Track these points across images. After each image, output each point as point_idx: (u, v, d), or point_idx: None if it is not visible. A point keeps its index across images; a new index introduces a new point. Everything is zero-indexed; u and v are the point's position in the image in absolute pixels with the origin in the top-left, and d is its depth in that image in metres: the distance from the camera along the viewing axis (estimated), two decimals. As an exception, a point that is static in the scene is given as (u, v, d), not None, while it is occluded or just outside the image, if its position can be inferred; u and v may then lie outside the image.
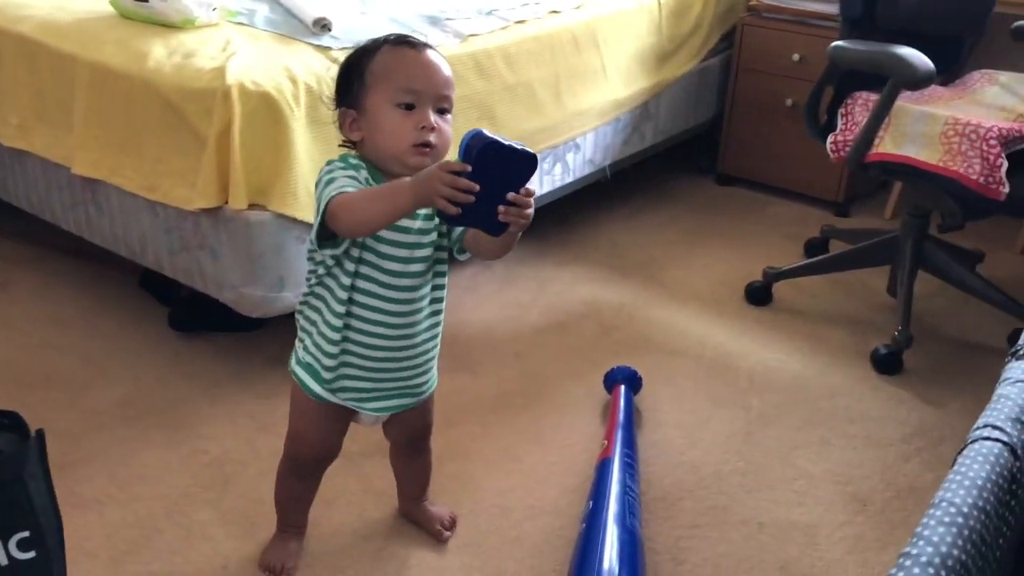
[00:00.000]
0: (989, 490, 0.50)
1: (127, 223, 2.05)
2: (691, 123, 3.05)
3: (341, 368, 1.35)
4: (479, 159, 1.10)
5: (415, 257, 1.29)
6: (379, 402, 1.39)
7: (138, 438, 1.82)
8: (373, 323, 1.31)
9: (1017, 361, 0.66)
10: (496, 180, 1.12)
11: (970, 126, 1.94)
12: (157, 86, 1.86)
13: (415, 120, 1.23)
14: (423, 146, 1.23)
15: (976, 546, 0.47)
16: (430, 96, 1.24)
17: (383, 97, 1.24)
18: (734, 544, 1.61)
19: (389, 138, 1.24)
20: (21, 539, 1.04)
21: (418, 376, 1.40)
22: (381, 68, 1.26)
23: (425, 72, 1.25)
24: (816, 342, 2.25)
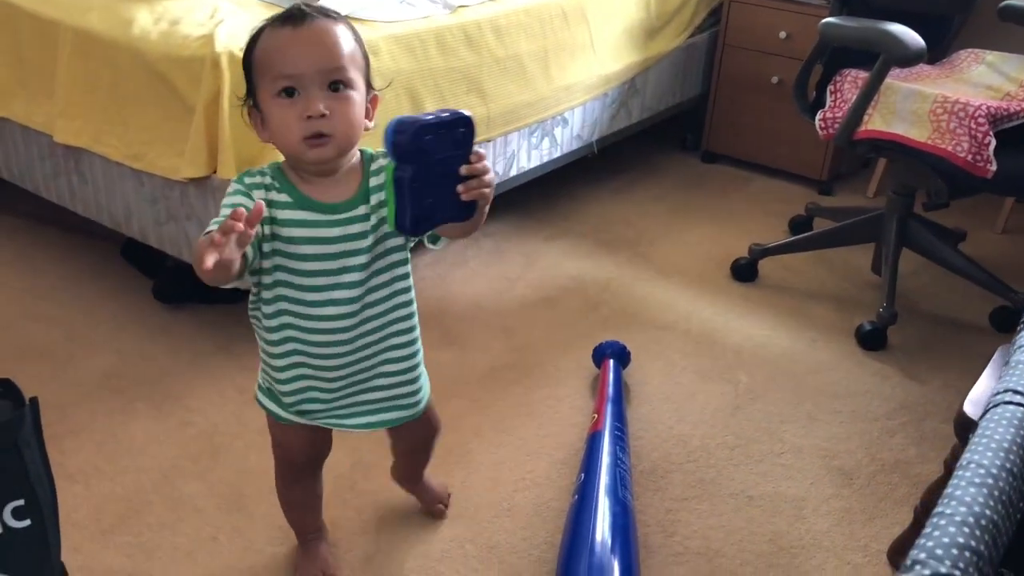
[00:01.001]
0: (1016, 452, 0.51)
1: (111, 193, 2.02)
2: (677, 99, 3.05)
3: (299, 392, 1.26)
4: (411, 149, 0.99)
5: (350, 266, 1.17)
6: (360, 418, 1.30)
7: (124, 410, 1.80)
8: (316, 344, 1.20)
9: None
10: (440, 162, 1.02)
11: (959, 104, 1.95)
12: (143, 54, 1.83)
13: (299, 109, 1.09)
14: (315, 137, 1.10)
15: (1005, 507, 0.47)
16: (314, 76, 1.09)
17: (265, 91, 1.11)
18: (724, 516, 1.63)
19: (281, 136, 1.11)
20: (16, 507, 1.03)
21: (401, 386, 1.30)
22: (260, 56, 1.12)
23: (302, 50, 1.09)
24: (802, 318, 2.27)
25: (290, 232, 1.15)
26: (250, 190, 1.14)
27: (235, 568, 1.47)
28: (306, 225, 1.15)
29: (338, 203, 1.16)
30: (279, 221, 1.14)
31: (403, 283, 1.24)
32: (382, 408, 1.31)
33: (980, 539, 0.45)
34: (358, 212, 1.17)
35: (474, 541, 1.54)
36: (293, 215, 1.15)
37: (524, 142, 2.42)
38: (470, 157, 1.06)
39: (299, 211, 1.15)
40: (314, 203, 1.15)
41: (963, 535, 0.44)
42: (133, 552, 1.49)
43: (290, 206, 1.15)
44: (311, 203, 1.15)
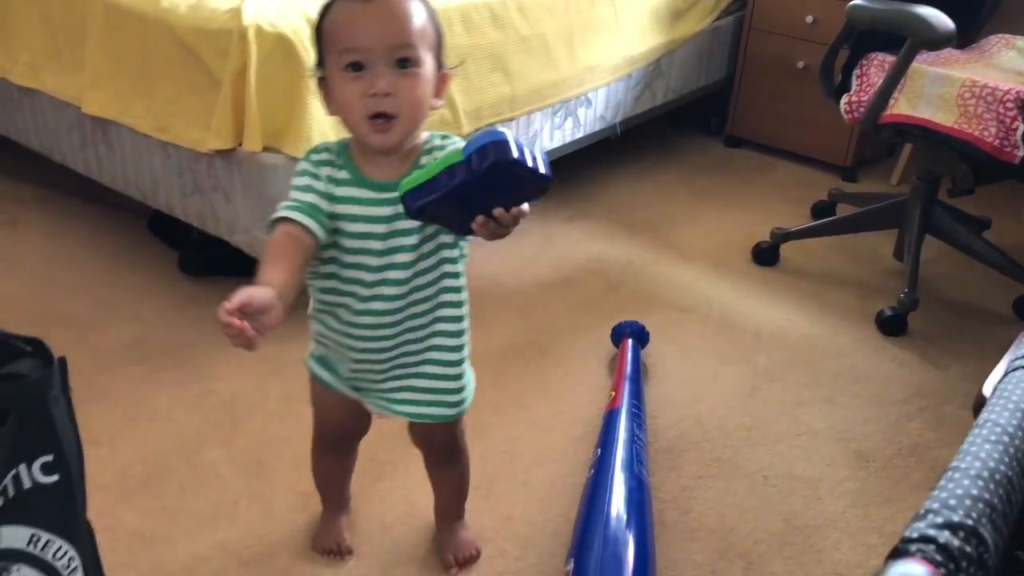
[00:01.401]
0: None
1: (138, 164, 2.04)
2: (702, 83, 3.04)
3: (353, 371, 1.27)
4: (488, 171, 0.93)
5: (401, 246, 1.16)
6: (406, 406, 1.29)
7: (148, 378, 1.83)
8: (365, 326, 1.21)
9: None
10: (488, 196, 0.97)
11: (987, 88, 1.93)
12: (172, 26, 1.85)
13: (363, 85, 1.07)
14: (376, 118, 1.08)
15: (1021, 464, 0.48)
16: (381, 51, 1.07)
17: (332, 63, 1.10)
18: (739, 495, 1.63)
19: (344, 112, 1.11)
20: (44, 463, 1.05)
21: (446, 380, 1.28)
22: (329, 27, 1.11)
23: (372, 23, 1.07)
24: (822, 303, 2.27)
25: (346, 209, 1.15)
26: (317, 167, 1.15)
27: (255, 533, 1.49)
28: (360, 203, 1.15)
29: (391, 182, 1.14)
30: (338, 198, 1.15)
31: (451, 267, 1.22)
32: (427, 402, 1.29)
33: (994, 492, 0.46)
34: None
35: (490, 514, 1.55)
36: (349, 192, 1.15)
37: (547, 122, 2.43)
38: (513, 208, 1.01)
39: (355, 188, 1.15)
40: (369, 181, 1.15)
41: (977, 488, 0.45)
42: (156, 515, 1.51)
43: (349, 183, 1.15)
44: (366, 181, 1.15)
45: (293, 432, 1.71)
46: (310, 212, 1.11)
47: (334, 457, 1.45)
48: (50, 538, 1.07)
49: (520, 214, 1.02)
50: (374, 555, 1.47)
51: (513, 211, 1.01)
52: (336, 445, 1.44)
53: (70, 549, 1.09)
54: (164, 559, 1.43)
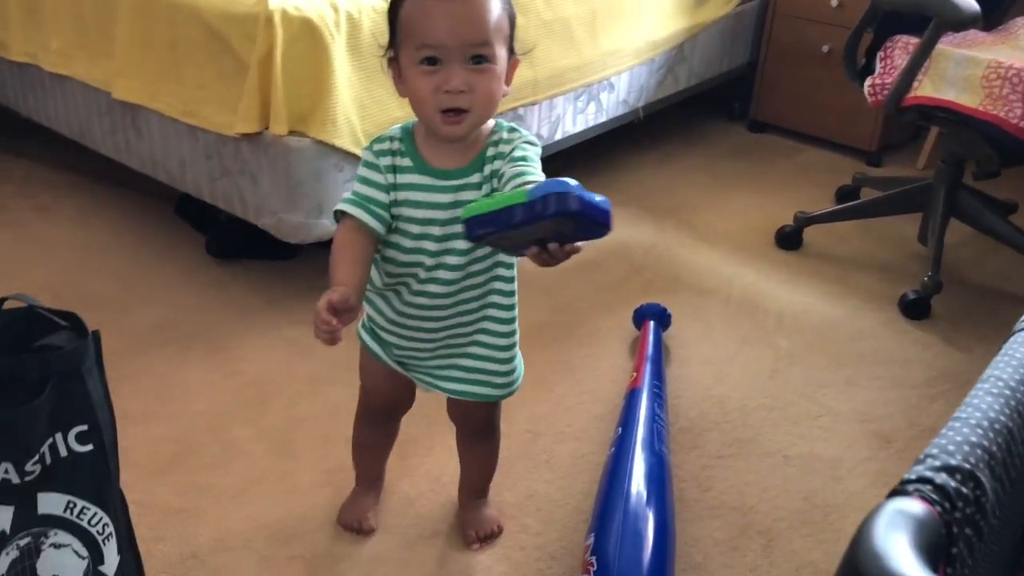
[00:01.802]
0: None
1: (167, 148, 2.08)
2: (725, 67, 3.04)
3: (401, 348, 1.31)
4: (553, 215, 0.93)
5: (459, 233, 1.17)
6: (453, 383, 1.33)
7: (177, 359, 1.87)
8: (420, 306, 1.24)
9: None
10: (552, 231, 0.98)
11: (1013, 69, 1.92)
12: (199, 11, 1.88)
13: (437, 81, 1.10)
14: (450, 112, 1.11)
15: (1021, 416, 0.49)
16: (456, 48, 1.08)
17: (407, 55, 1.12)
18: (759, 474, 1.65)
19: (417, 103, 1.14)
20: (80, 432, 1.08)
21: (496, 363, 1.32)
22: (406, 20, 1.12)
23: (450, 21, 1.08)
24: (845, 286, 2.27)
25: (408, 195, 1.18)
26: (378, 157, 1.19)
27: (281, 508, 1.52)
28: (422, 189, 1.18)
29: (452, 169, 1.18)
30: (399, 185, 1.18)
31: (506, 256, 1.24)
32: (475, 381, 1.33)
33: (993, 441, 0.47)
34: (471, 180, 1.18)
35: (513, 489, 1.58)
36: (411, 179, 1.18)
37: (570, 106, 2.44)
38: (567, 244, 1.00)
39: (417, 175, 1.18)
40: (431, 168, 1.18)
41: (976, 435, 0.46)
42: (186, 490, 1.55)
43: (410, 170, 1.18)
44: (428, 168, 1.18)
45: (319, 412, 1.74)
46: (367, 206, 1.17)
47: (377, 430, 1.48)
48: (85, 505, 1.11)
49: (573, 251, 1.01)
50: (399, 528, 1.49)
51: (567, 247, 1.01)
52: (380, 417, 1.46)
53: (104, 516, 1.13)
54: (194, 532, 1.47)
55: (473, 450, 1.48)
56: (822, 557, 1.49)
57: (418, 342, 1.29)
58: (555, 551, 1.47)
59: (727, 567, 1.45)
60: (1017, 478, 0.51)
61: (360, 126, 1.89)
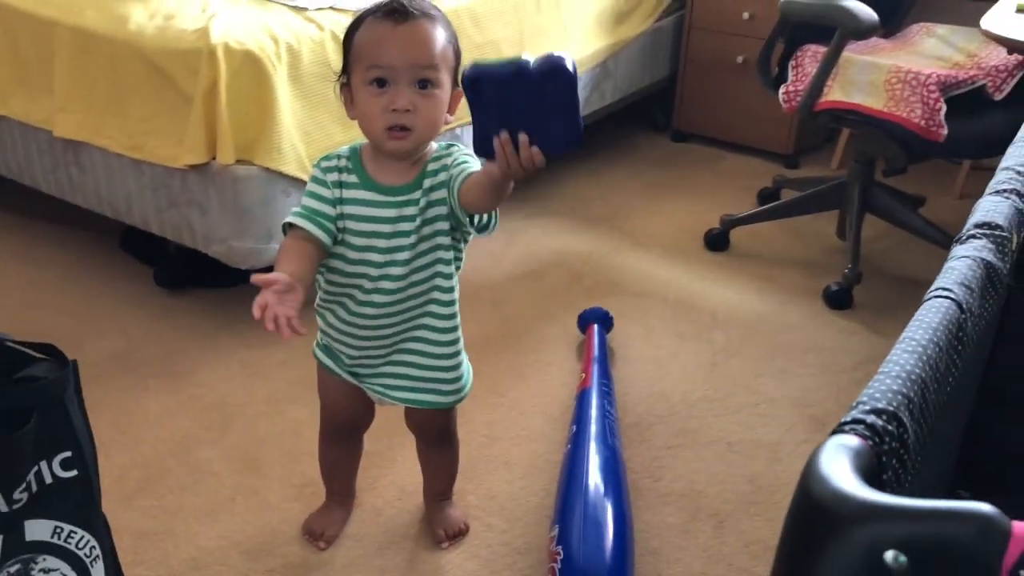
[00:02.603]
0: (942, 331, 0.62)
1: (112, 183, 2.11)
2: (647, 81, 3.17)
3: (352, 357, 1.37)
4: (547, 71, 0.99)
5: (401, 246, 1.26)
6: (402, 392, 1.39)
7: (136, 386, 1.90)
8: (365, 316, 1.31)
9: (960, 245, 0.78)
10: (532, 113, 1.01)
11: (911, 73, 2.08)
12: (141, 48, 1.92)
13: (385, 100, 1.17)
14: (395, 128, 1.18)
15: (933, 370, 0.59)
16: (405, 71, 1.16)
17: (358, 75, 1.20)
18: (706, 462, 1.75)
19: (364, 122, 1.21)
20: (64, 458, 1.12)
21: (441, 371, 1.38)
22: (359, 42, 1.20)
23: (399, 45, 1.16)
24: (772, 282, 2.40)
25: (354, 210, 1.26)
26: (325, 173, 1.26)
27: (254, 524, 1.57)
28: (367, 204, 1.25)
29: (397, 186, 1.26)
30: (346, 200, 1.25)
31: (444, 268, 1.32)
32: (423, 389, 1.39)
33: (911, 389, 0.56)
34: (413, 196, 1.25)
35: (475, 492, 1.65)
36: (357, 195, 1.26)
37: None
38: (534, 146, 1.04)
39: (363, 191, 1.26)
40: (377, 185, 1.26)
41: (897, 385, 0.56)
42: (157, 514, 1.58)
43: (357, 186, 1.26)
44: (374, 184, 1.26)
45: (281, 430, 1.79)
46: (315, 219, 1.23)
47: (340, 447, 1.53)
48: (72, 529, 1.14)
49: (537, 156, 1.05)
50: (369, 536, 1.55)
51: (533, 149, 1.04)
52: (342, 434, 1.51)
53: (91, 539, 1.16)
54: (169, 553, 1.51)
55: (433, 457, 1.55)
56: (770, 534, 1.59)
57: (367, 350, 1.36)
58: (520, 546, 1.54)
59: (682, 549, 1.55)
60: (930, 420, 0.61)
61: (305, 151, 1.95)
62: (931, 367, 0.58)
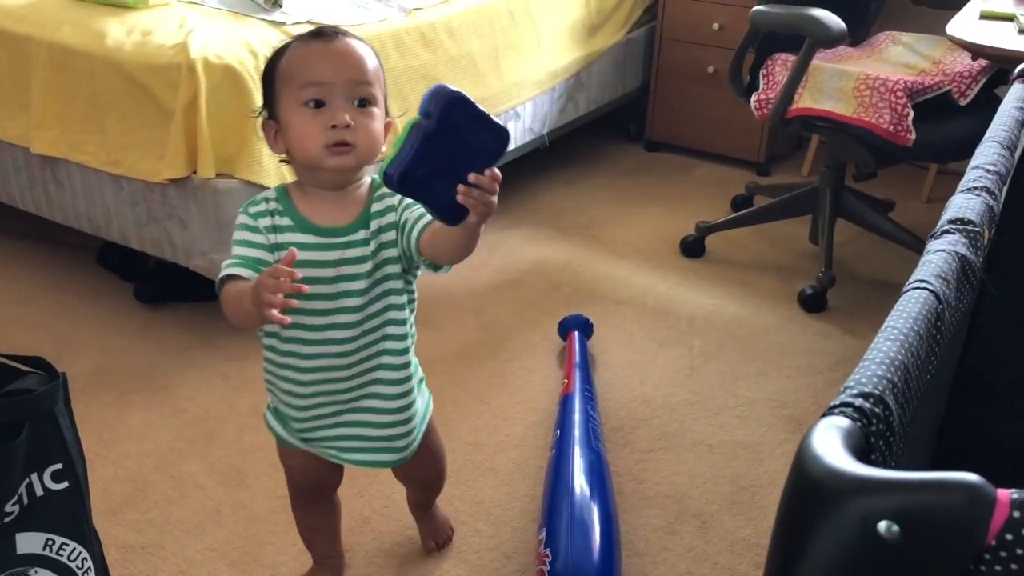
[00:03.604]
0: (922, 320, 0.65)
1: (90, 199, 2.10)
2: (620, 92, 3.21)
3: (304, 420, 1.27)
4: (445, 111, 0.96)
5: (350, 291, 1.18)
6: (357, 454, 1.30)
7: (118, 401, 1.89)
8: (317, 369, 1.21)
9: (935, 240, 0.81)
10: (460, 147, 0.99)
11: (879, 80, 2.13)
12: (119, 64, 1.93)
13: (324, 119, 1.10)
14: (338, 145, 1.11)
15: (915, 357, 0.62)
16: (341, 87, 1.11)
17: (290, 99, 1.11)
18: (688, 463, 1.78)
19: (301, 145, 1.12)
20: (55, 471, 1.12)
21: (393, 426, 1.29)
22: (286, 68, 1.13)
23: (333, 62, 1.11)
24: (748, 287, 2.44)
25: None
26: (255, 219, 1.15)
27: (241, 535, 1.57)
28: (305, 248, 1.14)
29: (338, 227, 1.17)
30: (281, 245, 1.14)
31: (397, 313, 1.23)
32: (377, 448, 1.30)
33: (894, 374, 0.59)
34: (357, 236, 1.17)
35: (462, 498, 1.66)
36: (294, 238, 1.15)
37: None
38: (485, 171, 1.01)
39: (299, 234, 1.15)
40: (314, 227, 1.16)
41: (881, 370, 0.58)
42: (143, 528, 1.58)
43: (291, 229, 1.16)
44: (311, 226, 1.16)
45: (266, 442, 1.77)
46: (254, 267, 1.12)
47: (314, 511, 1.44)
48: (64, 541, 1.15)
49: (494, 177, 1.02)
50: (358, 545, 1.56)
51: (487, 173, 1.01)
52: (311, 498, 1.42)
53: (82, 550, 1.17)
54: (157, 567, 1.51)
55: (418, 481, 1.50)
56: (752, 532, 1.62)
57: (315, 409, 1.26)
58: (508, 551, 1.56)
59: (667, 550, 1.57)
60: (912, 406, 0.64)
61: (285, 165, 1.96)
62: (912, 354, 0.61)
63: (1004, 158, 1.00)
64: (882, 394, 0.56)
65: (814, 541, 0.47)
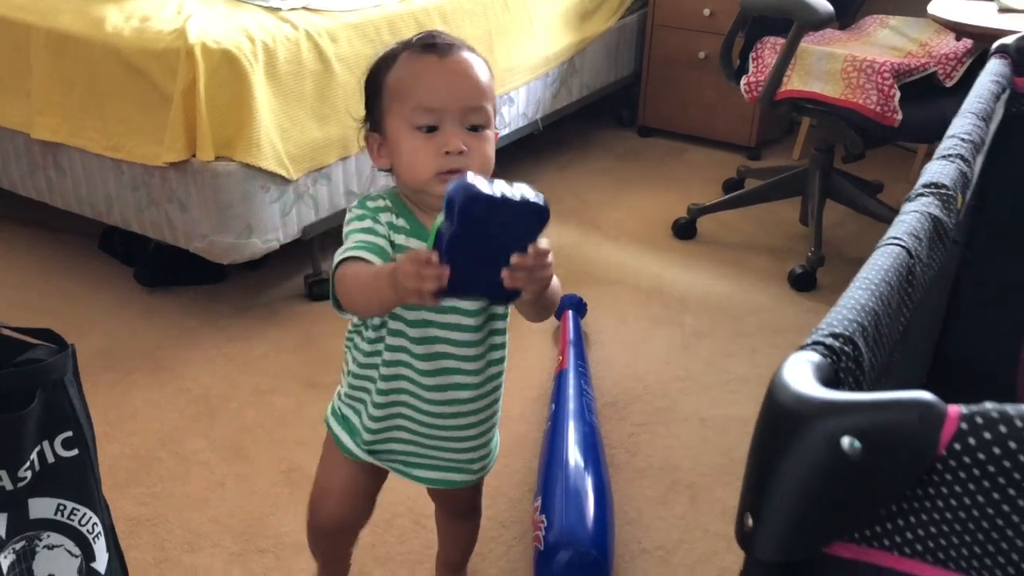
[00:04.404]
0: (893, 272, 0.69)
1: (91, 184, 2.14)
2: (612, 78, 3.25)
3: (383, 432, 1.18)
4: (463, 215, 0.87)
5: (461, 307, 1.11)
6: (426, 471, 1.21)
7: (122, 382, 1.93)
8: (429, 388, 1.13)
9: (909, 203, 0.85)
10: (493, 240, 0.90)
11: (866, 62, 2.17)
12: (118, 49, 1.96)
13: (437, 144, 1.03)
14: (450, 173, 1.03)
15: (885, 305, 0.65)
16: (455, 112, 1.04)
17: (400, 119, 1.05)
18: (680, 437, 1.82)
19: (410, 168, 1.05)
20: (65, 438, 1.16)
21: (476, 450, 1.23)
22: (397, 83, 1.06)
23: (448, 84, 1.04)
24: (739, 267, 2.48)
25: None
26: (376, 213, 1.08)
27: (244, 508, 1.61)
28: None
29: None
30: (398, 246, 1.08)
31: (501, 324, 1.18)
32: (451, 468, 1.22)
33: (864, 318, 0.63)
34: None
35: (459, 471, 1.70)
36: (408, 243, 1.08)
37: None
38: (528, 247, 0.91)
39: (415, 240, 1.09)
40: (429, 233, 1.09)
41: (852, 314, 0.62)
42: (149, 501, 1.62)
43: (407, 233, 1.09)
44: (427, 233, 1.04)
45: (267, 419, 1.83)
46: (380, 253, 1.04)
47: (328, 546, 1.35)
48: (75, 507, 1.18)
49: (539, 252, 0.92)
50: (358, 515, 1.60)
51: (531, 250, 0.91)
52: (329, 539, 1.32)
53: (92, 515, 1.20)
54: (163, 537, 1.55)
55: (454, 528, 1.42)
56: (742, 501, 1.66)
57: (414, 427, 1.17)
58: (505, 519, 1.60)
59: (660, 519, 1.61)
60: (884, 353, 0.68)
61: (283, 148, 1.99)
62: (883, 302, 0.65)
63: (979, 128, 1.04)
64: (851, 335, 0.59)
65: (785, 461, 0.51)
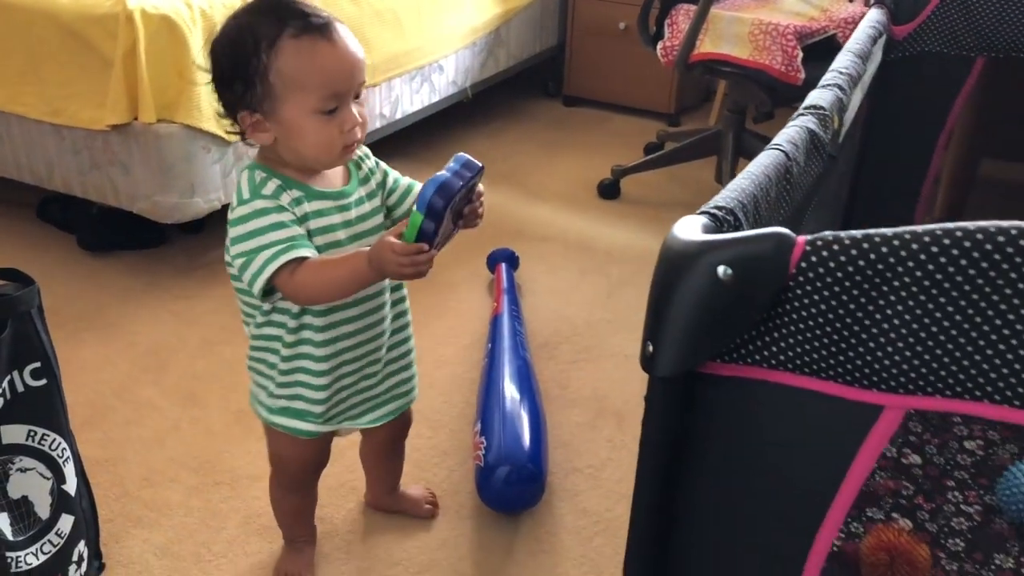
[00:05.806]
0: (772, 169, 0.82)
1: (31, 149, 2.18)
2: (537, 48, 3.37)
3: (332, 400, 1.25)
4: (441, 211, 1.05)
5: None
6: (370, 413, 1.32)
7: (70, 339, 1.99)
8: (358, 332, 1.23)
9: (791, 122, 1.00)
10: (456, 206, 1.09)
11: (771, 25, 2.33)
12: (55, 14, 2.01)
13: (339, 123, 1.10)
14: (352, 143, 1.13)
15: (764, 192, 0.79)
16: (352, 91, 1.11)
17: (302, 108, 1.09)
18: (606, 371, 1.96)
19: (316, 147, 1.11)
20: (34, 369, 1.24)
21: (403, 371, 1.34)
22: (295, 74, 1.07)
23: (346, 69, 1.09)
24: (660, 223, 2.64)
25: (314, 224, 1.15)
26: (275, 198, 1.12)
27: (199, 447, 1.70)
28: (323, 214, 1.16)
29: (341, 189, 1.19)
30: (307, 215, 1.14)
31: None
32: (385, 400, 1.33)
33: (745, 198, 0.76)
34: (358, 194, 1.20)
35: (403, 408, 1.82)
36: (312, 207, 1.15)
37: (406, 87, 2.69)
38: (473, 197, 1.12)
39: (316, 202, 1.15)
40: (323, 192, 1.16)
41: (734, 194, 0.75)
42: (106, 444, 1.70)
43: (307, 199, 1.15)
44: (321, 192, 1.16)
45: (217, 368, 1.92)
46: (307, 240, 1.13)
47: (296, 496, 1.43)
48: (45, 432, 1.27)
49: (479, 196, 1.15)
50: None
51: (475, 199, 1.14)
52: (302, 485, 1.42)
53: (62, 441, 1.29)
54: (122, 476, 1.63)
55: (390, 459, 1.53)
56: (664, 425, 1.81)
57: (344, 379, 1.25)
58: (446, 448, 1.72)
59: (590, 441, 1.75)
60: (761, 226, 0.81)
61: (223, 111, 2.07)
62: (762, 189, 0.78)
63: (856, 64, 1.19)
64: (733, 208, 0.73)
65: (676, 292, 0.64)
